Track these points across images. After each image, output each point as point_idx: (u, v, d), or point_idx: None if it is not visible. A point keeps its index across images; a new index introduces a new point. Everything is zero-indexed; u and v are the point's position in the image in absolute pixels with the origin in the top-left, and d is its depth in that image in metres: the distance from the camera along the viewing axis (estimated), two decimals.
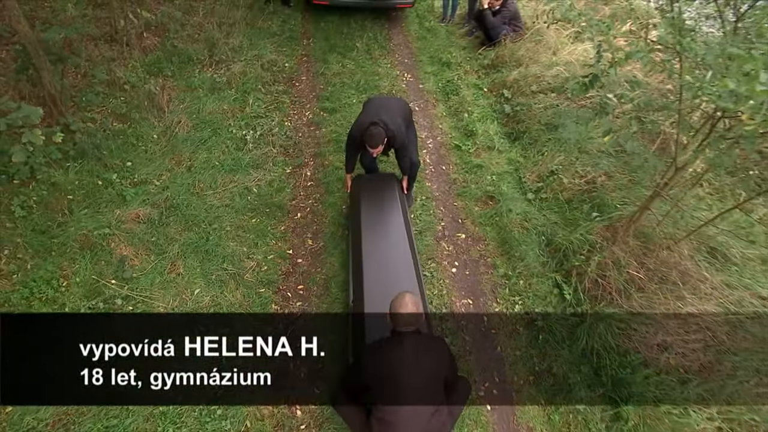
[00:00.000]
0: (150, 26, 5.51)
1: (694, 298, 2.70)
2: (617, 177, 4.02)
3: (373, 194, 3.50)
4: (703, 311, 2.62)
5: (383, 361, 2.11)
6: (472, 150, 4.69)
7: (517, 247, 3.70)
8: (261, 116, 4.78)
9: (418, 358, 2.10)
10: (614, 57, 1.89)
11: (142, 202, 3.75)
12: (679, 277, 2.79)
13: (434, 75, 5.70)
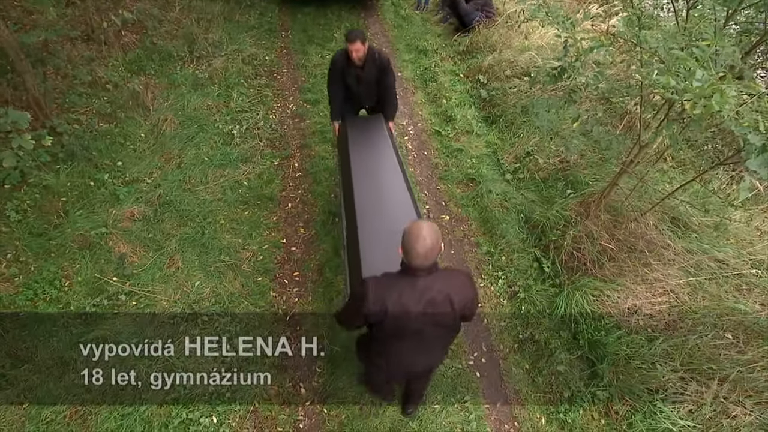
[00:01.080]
0: (127, 24, 5.44)
1: (659, 264, 2.93)
2: (589, 156, 4.22)
3: (360, 129, 3.41)
4: (667, 275, 2.85)
5: (392, 301, 1.81)
6: (451, 135, 4.83)
7: (498, 226, 3.89)
8: (246, 110, 4.82)
9: (434, 302, 1.83)
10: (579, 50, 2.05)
11: (136, 200, 3.80)
12: (645, 245, 3.01)
13: (412, 63, 5.78)
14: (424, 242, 1.71)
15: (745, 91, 1.73)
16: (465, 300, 1.87)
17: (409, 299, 1.81)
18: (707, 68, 1.57)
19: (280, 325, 3.20)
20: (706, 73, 1.52)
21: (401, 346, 2.00)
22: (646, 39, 1.88)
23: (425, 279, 1.80)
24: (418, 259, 1.74)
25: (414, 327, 1.89)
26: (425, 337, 1.96)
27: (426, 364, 2.18)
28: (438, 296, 1.81)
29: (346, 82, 3.44)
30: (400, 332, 1.92)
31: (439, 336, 2.00)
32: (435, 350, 2.11)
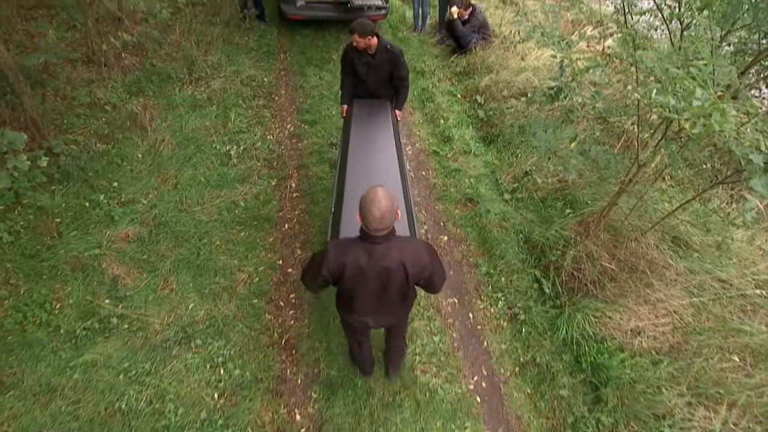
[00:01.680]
0: (128, 46, 5.52)
1: (662, 285, 2.89)
2: (587, 175, 4.22)
3: (366, 108, 3.53)
4: (670, 296, 2.81)
5: (350, 263, 1.93)
6: (449, 155, 4.84)
7: (497, 246, 3.85)
8: (243, 131, 4.84)
9: (388, 270, 1.95)
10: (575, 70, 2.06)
11: (131, 221, 3.77)
12: (647, 265, 2.98)
13: (410, 83, 5.83)
14: (379, 205, 1.78)
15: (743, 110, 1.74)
16: (420, 267, 1.99)
17: (366, 263, 1.93)
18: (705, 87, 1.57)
19: (276, 348, 3.14)
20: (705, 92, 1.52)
21: (361, 304, 2.16)
22: (641, 59, 1.90)
23: (382, 245, 1.91)
24: (375, 222, 1.82)
25: (370, 288, 2.04)
26: (382, 298, 2.12)
27: (387, 321, 2.37)
28: (392, 264, 1.94)
29: (356, 69, 3.56)
30: (358, 292, 2.08)
31: (395, 297, 2.14)
32: (393, 309, 2.26)
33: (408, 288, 2.08)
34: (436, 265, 2.07)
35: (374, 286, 2.03)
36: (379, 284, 2.03)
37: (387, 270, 1.96)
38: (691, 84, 1.55)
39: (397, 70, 3.56)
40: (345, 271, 1.96)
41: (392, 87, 3.71)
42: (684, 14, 2.02)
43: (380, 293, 2.09)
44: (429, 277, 2.06)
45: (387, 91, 3.73)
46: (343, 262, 1.94)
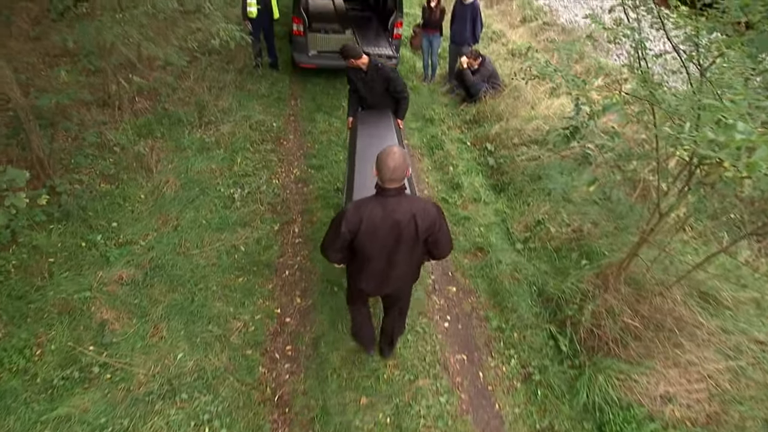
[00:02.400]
0: (142, 91, 5.66)
1: (693, 345, 2.64)
2: (603, 225, 4.06)
3: (370, 117, 3.98)
4: (703, 358, 2.55)
5: (365, 221, 2.18)
6: (458, 202, 4.73)
7: (509, 299, 3.64)
8: (249, 174, 4.81)
9: (398, 224, 2.20)
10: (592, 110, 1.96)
11: (127, 263, 3.65)
12: (674, 323, 2.74)
13: (418, 131, 5.87)
14: (393, 156, 2.11)
15: None
16: (429, 221, 2.23)
17: (380, 217, 2.18)
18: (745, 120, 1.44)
19: (268, 406, 2.89)
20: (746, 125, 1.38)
21: (373, 263, 2.35)
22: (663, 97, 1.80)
23: (394, 199, 2.19)
24: (389, 172, 2.11)
25: (382, 240, 2.25)
26: (393, 255, 2.32)
27: (395, 285, 2.52)
28: (404, 216, 2.19)
29: (356, 86, 4.10)
30: (372, 250, 2.28)
31: (405, 254, 2.33)
32: (402, 271, 2.43)
33: (417, 243, 2.29)
34: (442, 222, 2.32)
35: (387, 241, 2.25)
36: (392, 239, 2.24)
37: (398, 223, 2.20)
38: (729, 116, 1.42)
39: (391, 84, 3.99)
40: (361, 226, 2.19)
41: (394, 100, 4.11)
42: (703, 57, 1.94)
43: (392, 250, 2.29)
44: (437, 233, 2.29)
45: (388, 104, 4.14)
46: (360, 217, 2.19)
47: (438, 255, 2.46)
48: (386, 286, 2.51)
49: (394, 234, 2.23)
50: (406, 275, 2.51)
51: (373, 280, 2.45)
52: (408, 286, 2.70)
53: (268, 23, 6.38)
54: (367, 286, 2.49)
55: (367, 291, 2.55)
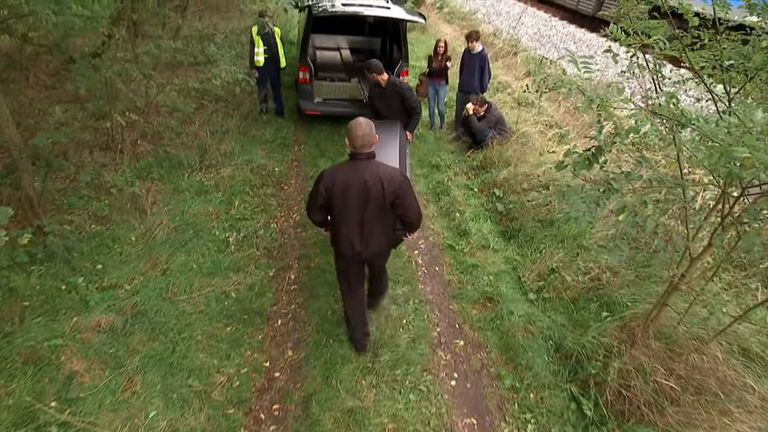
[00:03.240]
0: (146, 135, 5.65)
1: (743, 413, 2.27)
2: (623, 273, 3.77)
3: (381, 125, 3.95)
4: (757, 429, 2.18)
5: (338, 181, 2.56)
6: (466, 249, 4.48)
7: (523, 354, 3.30)
8: (246, 218, 4.64)
9: (367, 184, 2.54)
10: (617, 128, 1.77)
11: (107, 309, 3.40)
12: (718, 385, 2.38)
13: (424, 177, 5.73)
14: (360, 126, 2.51)
15: None
16: (394, 186, 2.57)
17: (351, 176, 2.54)
18: None
19: None
20: None
21: (345, 223, 2.68)
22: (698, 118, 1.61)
23: (364, 163, 2.55)
24: (358, 140, 2.51)
25: (353, 201, 2.58)
26: (363, 213, 2.64)
27: (371, 249, 2.80)
28: (371, 178, 2.53)
29: (374, 100, 4.65)
30: (345, 211, 2.63)
31: (374, 213, 2.65)
32: (377, 233, 2.76)
33: (385, 204, 2.63)
34: (407, 188, 2.68)
35: (358, 199, 2.59)
36: (362, 198, 2.58)
37: (366, 183, 2.54)
38: None
39: (406, 100, 4.47)
40: (335, 186, 2.56)
41: (406, 115, 4.53)
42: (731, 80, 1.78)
43: (363, 208, 2.62)
44: (402, 197, 2.63)
45: (401, 119, 4.50)
46: (333, 178, 2.57)
47: (408, 221, 2.82)
48: (361, 246, 2.78)
49: (363, 193, 2.58)
50: (378, 237, 2.80)
51: (349, 241, 2.76)
52: (382, 255, 3.05)
53: (275, 72, 6.49)
54: (345, 248, 2.80)
55: (347, 253, 2.83)
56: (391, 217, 2.78)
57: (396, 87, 4.48)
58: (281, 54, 6.44)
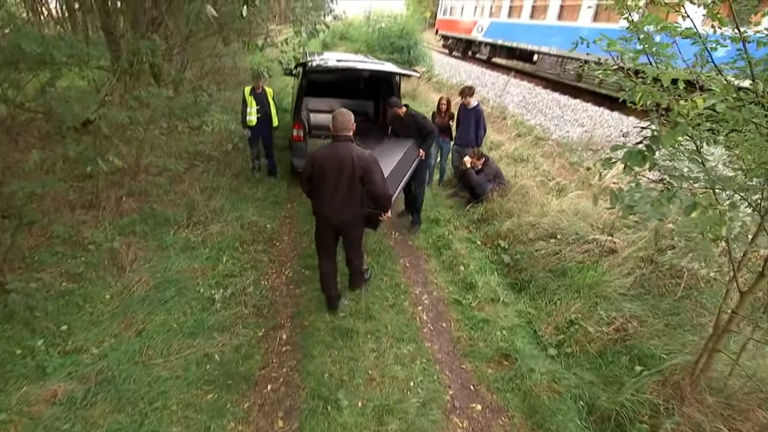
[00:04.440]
0: (133, 193, 5.41)
1: None
2: (650, 321, 3.43)
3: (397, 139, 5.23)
4: None
5: (319, 157, 3.28)
6: (474, 304, 4.12)
7: (552, 418, 2.85)
8: (234, 275, 4.28)
9: (341, 159, 3.21)
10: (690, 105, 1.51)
11: (68, 376, 2.93)
12: None
13: (424, 232, 5.48)
14: (341, 114, 3.30)
15: None
16: (363, 163, 3.23)
17: (330, 152, 3.26)
18: None
19: None
20: None
21: (324, 192, 3.35)
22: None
23: (342, 144, 3.26)
24: (338, 124, 3.26)
25: (330, 174, 3.26)
26: (337, 187, 3.30)
27: (344, 217, 3.43)
28: (346, 155, 3.22)
29: (394, 126, 5.40)
30: (322, 178, 3.30)
31: (346, 182, 3.28)
32: (348, 203, 3.37)
33: (355, 177, 3.25)
34: (374, 167, 3.29)
35: (334, 171, 3.24)
36: (337, 170, 3.23)
37: (341, 159, 3.22)
38: None
39: (421, 127, 5.13)
40: (316, 162, 3.27)
41: (422, 137, 5.13)
42: None
43: (338, 178, 3.26)
44: (368, 173, 3.25)
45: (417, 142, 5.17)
46: (317, 154, 3.31)
47: (374, 194, 3.38)
48: (332, 212, 3.41)
49: (338, 166, 3.25)
50: (347, 206, 3.40)
51: (327, 205, 3.39)
52: (352, 225, 3.55)
53: (268, 131, 6.45)
54: (324, 211, 3.44)
55: (325, 216, 3.47)
56: (359, 190, 3.36)
57: (413, 117, 5.20)
58: (274, 113, 6.44)
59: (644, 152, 1.66)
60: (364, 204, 3.46)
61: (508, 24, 15.44)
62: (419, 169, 5.09)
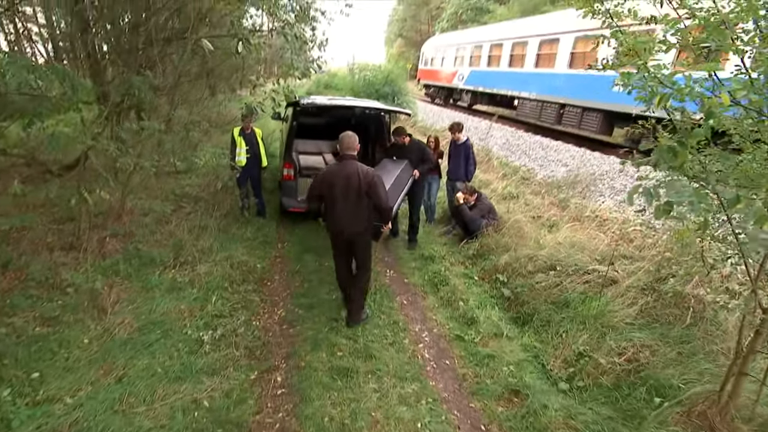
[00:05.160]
0: (116, 234, 5.20)
1: None
2: (662, 350, 3.31)
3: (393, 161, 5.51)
4: None
5: (328, 174, 3.73)
6: (476, 339, 3.96)
7: None
8: (224, 315, 4.05)
9: (348, 176, 3.63)
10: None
11: (36, 429, 2.63)
12: None
13: (418, 269, 5.35)
14: (348, 136, 3.76)
15: None
16: (368, 179, 3.63)
17: (338, 170, 3.69)
18: None
19: None
20: None
21: (334, 206, 3.73)
22: None
23: (348, 162, 3.69)
24: (344, 144, 3.74)
25: (339, 189, 3.66)
26: (346, 201, 3.69)
27: (353, 228, 3.79)
28: (352, 172, 3.64)
29: (392, 152, 5.72)
30: (332, 194, 3.69)
31: (354, 197, 3.68)
32: (356, 215, 3.75)
33: (361, 192, 3.65)
34: (378, 182, 3.69)
35: (342, 187, 3.64)
36: (345, 186, 3.64)
37: (348, 175, 3.63)
38: None
39: (424, 154, 5.56)
40: (325, 179, 3.70)
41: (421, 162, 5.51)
42: None
43: (346, 193, 3.65)
44: (373, 188, 3.64)
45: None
46: (326, 172, 3.77)
47: (378, 206, 3.74)
48: (347, 224, 3.76)
49: (346, 183, 3.63)
50: (359, 217, 3.76)
51: (338, 219, 3.76)
52: (361, 235, 3.86)
53: (257, 171, 6.39)
54: (335, 225, 3.80)
55: (337, 229, 3.81)
56: (366, 203, 3.71)
57: (418, 144, 5.65)
58: (263, 153, 6.42)
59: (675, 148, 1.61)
60: (370, 216, 3.83)
61: (488, 72, 16.13)
62: (415, 188, 5.53)
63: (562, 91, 12.20)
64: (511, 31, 15.08)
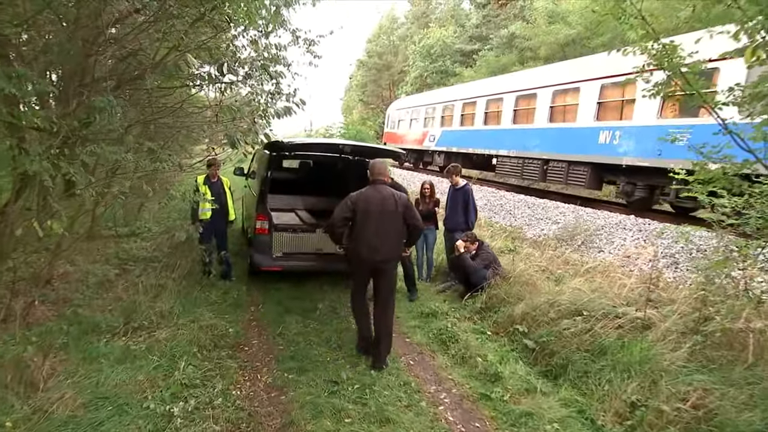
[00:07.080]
0: (46, 300, 4.69)
1: None
2: (730, 394, 3.18)
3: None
4: None
5: (362, 198, 4.10)
6: (506, 397, 3.72)
7: None
8: (196, 385, 3.60)
9: (384, 198, 4.09)
10: None
11: None
12: None
13: (420, 328, 5.11)
14: (378, 164, 4.30)
15: None
16: (403, 202, 4.14)
17: (372, 195, 4.10)
18: None
19: None
20: None
21: (368, 229, 4.06)
22: None
23: (381, 186, 4.16)
24: (376, 170, 4.24)
25: (374, 212, 4.04)
26: (381, 224, 4.06)
27: (386, 252, 4.11)
28: (387, 195, 4.10)
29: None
30: (367, 216, 4.04)
31: (390, 226, 4.10)
32: (390, 239, 4.14)
33: (397, 213, 4.10)
34: (411, 204, 4.29)
35: (377, 211, 4.05)
36: (380, 209, 4.05)
37: (384, 198, 4.08)
38: None
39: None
40: (359, 201, 4.07)
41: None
42: None
43: (380, 217, 4.06)
44: (408, 209, 4.17)
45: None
46: (359, 196, 4.11)
47: (413, 224, 4.20)
48: (377, 251, 4.05)
49: (381, 205, 4.04)
50: (392, 242, 4.15)
51: (368, 245, 4.05)
52: (392, 260, 4.22)
53: (223, 226, 6.15)
54: (364, 251, 4.08)
55: (364, 256, 4.10)
56: (399, 227, 4.13)
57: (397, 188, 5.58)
58: (230, 205, 6.22)
59: None
60: (401, 241, 4.28)
61: (462, 131, 16.96)
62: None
63: (545, 146, 12.80)
64: (486, 88, 16.09)
